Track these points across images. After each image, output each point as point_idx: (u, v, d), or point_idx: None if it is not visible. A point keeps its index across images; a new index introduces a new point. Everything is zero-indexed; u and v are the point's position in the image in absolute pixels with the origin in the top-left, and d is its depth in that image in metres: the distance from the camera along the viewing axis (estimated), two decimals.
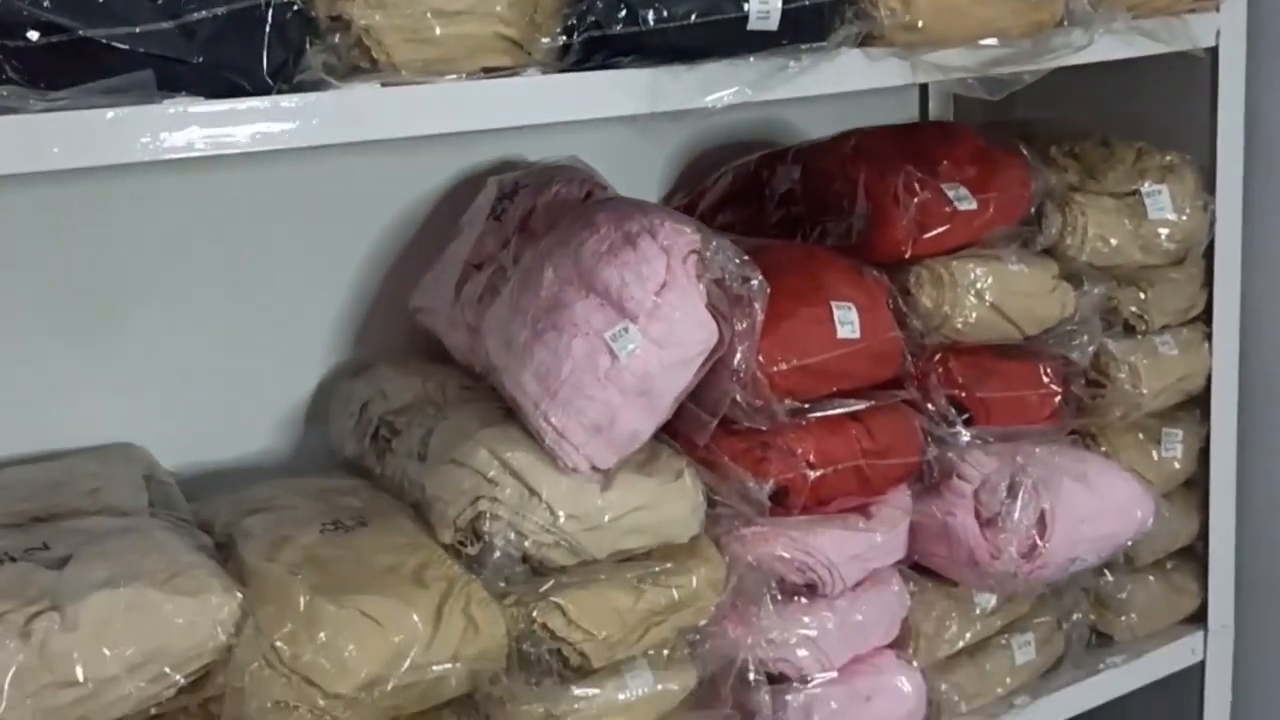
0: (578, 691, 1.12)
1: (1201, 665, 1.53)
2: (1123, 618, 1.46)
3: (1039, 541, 1.25)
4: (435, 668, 0.98)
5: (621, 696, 1.13)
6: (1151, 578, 1.49)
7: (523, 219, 1.25)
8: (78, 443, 1.23)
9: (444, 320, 1.28)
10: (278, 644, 0.94)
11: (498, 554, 1.06)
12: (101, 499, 1.08)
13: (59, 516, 1.04)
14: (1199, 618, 1.53)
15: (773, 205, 1.43)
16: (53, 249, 1.22)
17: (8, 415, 1.21)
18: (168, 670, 0.90)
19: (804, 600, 1.24)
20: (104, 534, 0.98)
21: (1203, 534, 1.51)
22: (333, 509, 1.13)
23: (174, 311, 1.28)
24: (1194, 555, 1.53)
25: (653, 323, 1.07)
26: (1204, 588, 1.52)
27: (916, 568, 1.32)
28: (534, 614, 1.08)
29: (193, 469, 1.28)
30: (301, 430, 1.37)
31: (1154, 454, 1.43)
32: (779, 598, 1.20)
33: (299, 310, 1.36)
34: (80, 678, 0.86)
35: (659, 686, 1.15)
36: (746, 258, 1.11)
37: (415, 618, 0.99)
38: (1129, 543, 1.31)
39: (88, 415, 1.25)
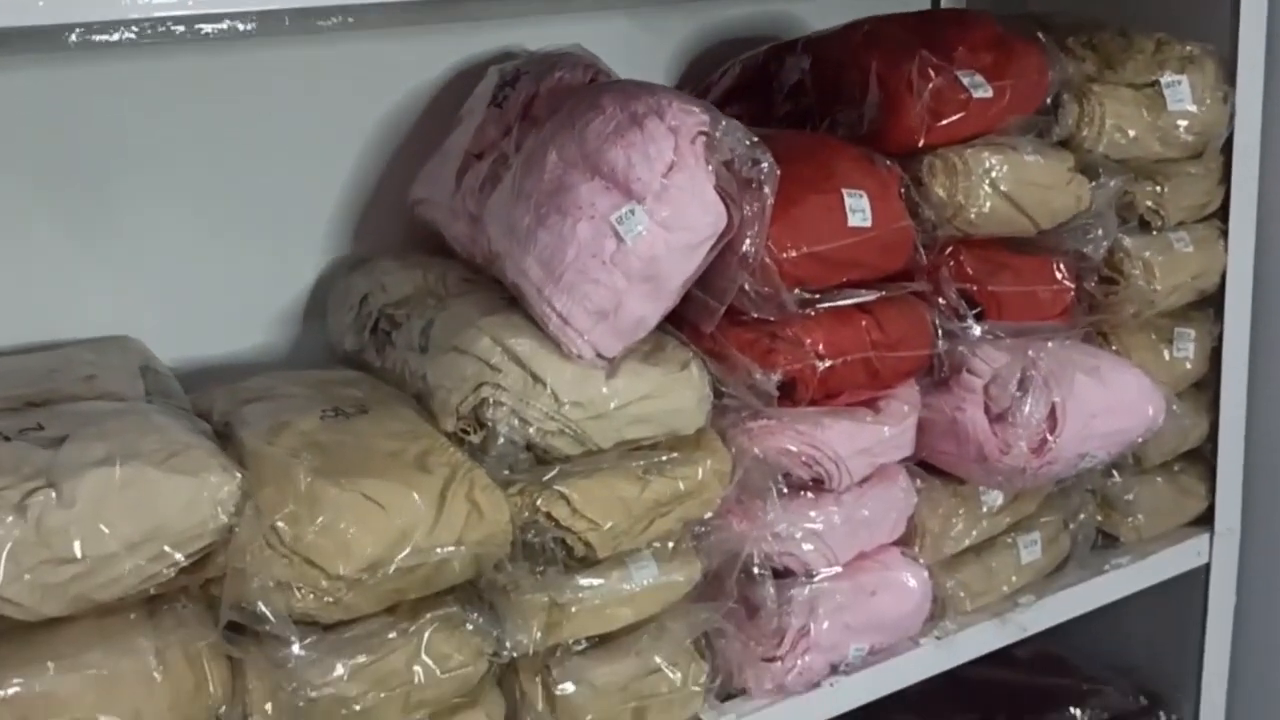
0: (582, 581, 1.11)
1: (1206, 568, 1.53)
2: (1129, 519, 1.46)
3: (1049, 436, 1.23)
4: (438, 551, 0.97)
5: (626, 587, 1.13)
6: (1159, 479, 1.47)
7: (525, 105, 1.21)
8: (72, 335, 1.21)
9: (445, 211, 1.25)
10: (278, 525, 0.93)
11: (501, 441, 1.05)
12: (98, 385, 1.06)
13: (54, 401, 1.02)
14: (1205, 520, 1.52)
15: (781, 98, 1.39)
16: (49, 139, 1.19)
17: (1, 307, 1.19)
18: (167, 549, 0.89)
19: (810, 495, 1.22)
20: (101, 416, 0.96)
21: (1212, 436, 1.49)
22: (333, 398, 1.11)
23: (170, 204, 1.25)
24: (1202, 458, 1.51)
25: (660, 205, 1.04)
26: (1211, 490, 1.51)
27: (924, 465, 1.31)
28: (538, 503, 1.07)
29: (189, 364, 1.26)
30: (300, 326, 1.35)
31: (1165, 354, 1.41)
32: (785, 492, 1.19)
33: (297, 204, 1.32)
34: (78, 554, 0.85)
35: (664, 578, 1.15)
36: (757, 140, 1.08)
37: (418, 500, 0.97)
38: (1140, 439, 1.30)
39: (83, 309, 1.23)
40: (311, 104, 1.31)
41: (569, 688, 1.12)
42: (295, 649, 0.93)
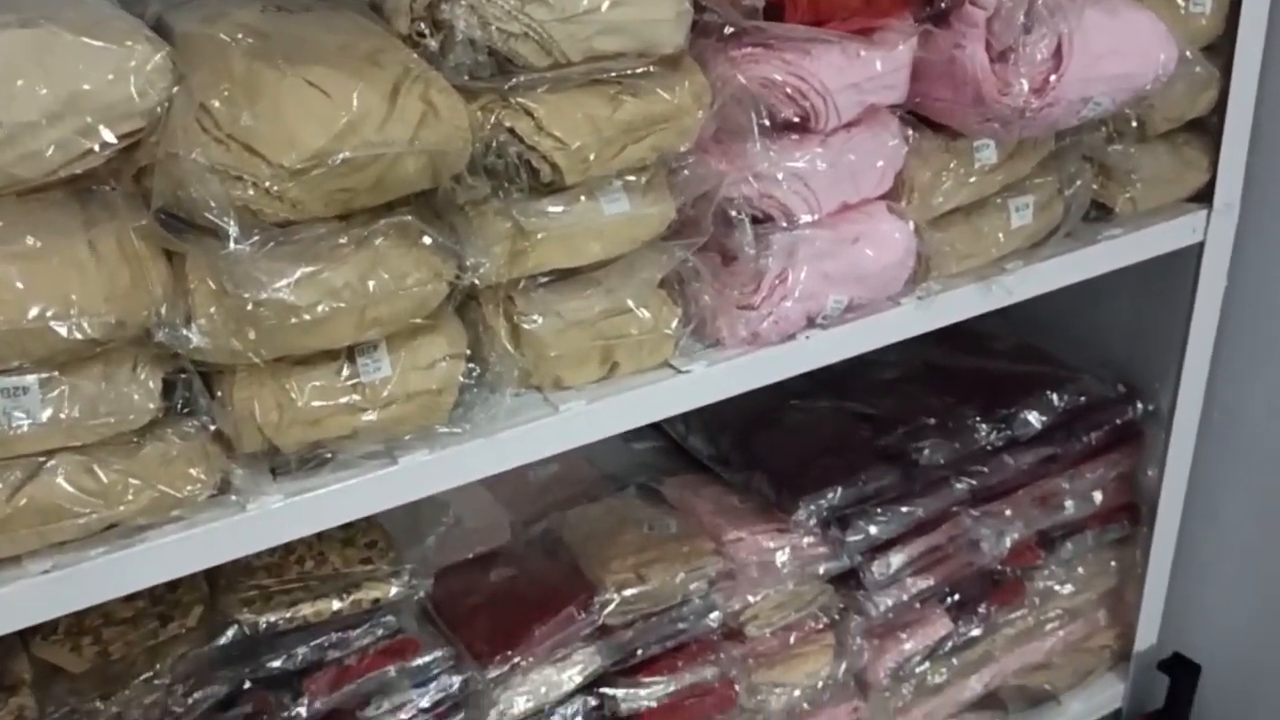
0: (549, 208, 1.05)
1: (1200, 246, 1.48)
2: (1126, 192, 1.39)
3: (1051, 76, 1.15)
4: (390, 146, 0.89)
5: (595, 219, 1.06)
6: (1160, 148, 1.40)
7: None
8: None
9: None
10: (214, 105, 0.86)
11: (459, 40, 0.96)
12: None
13: None
14: (1204, 198, 1.46)
15: None
16: None
17: None
18: (91, 121, 0.82)
19: (794, 136, 1.15)
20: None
21: (1219, 106, 1.41)
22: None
23: None
24: (1206, 130, 1.43)
25: None
26: (1213, 164, 1.44)
27: (916, 118, 1.23)
28: (501, 119, 0.99)
29: None
30: None
31: (1180, 6, 1.31)
32: (768, 127, 1.12)
33: None
34: None
35: (635, 212, 1.08)
36: None
37: (368, 92, 0.89)
38: (1148, 88, 1.21)
39: None
40: None
41: (534, 320, 1.08)
42: (234, 244, 0.87)
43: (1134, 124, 1.35)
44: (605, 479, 1.61)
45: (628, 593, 1.34)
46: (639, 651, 1.36)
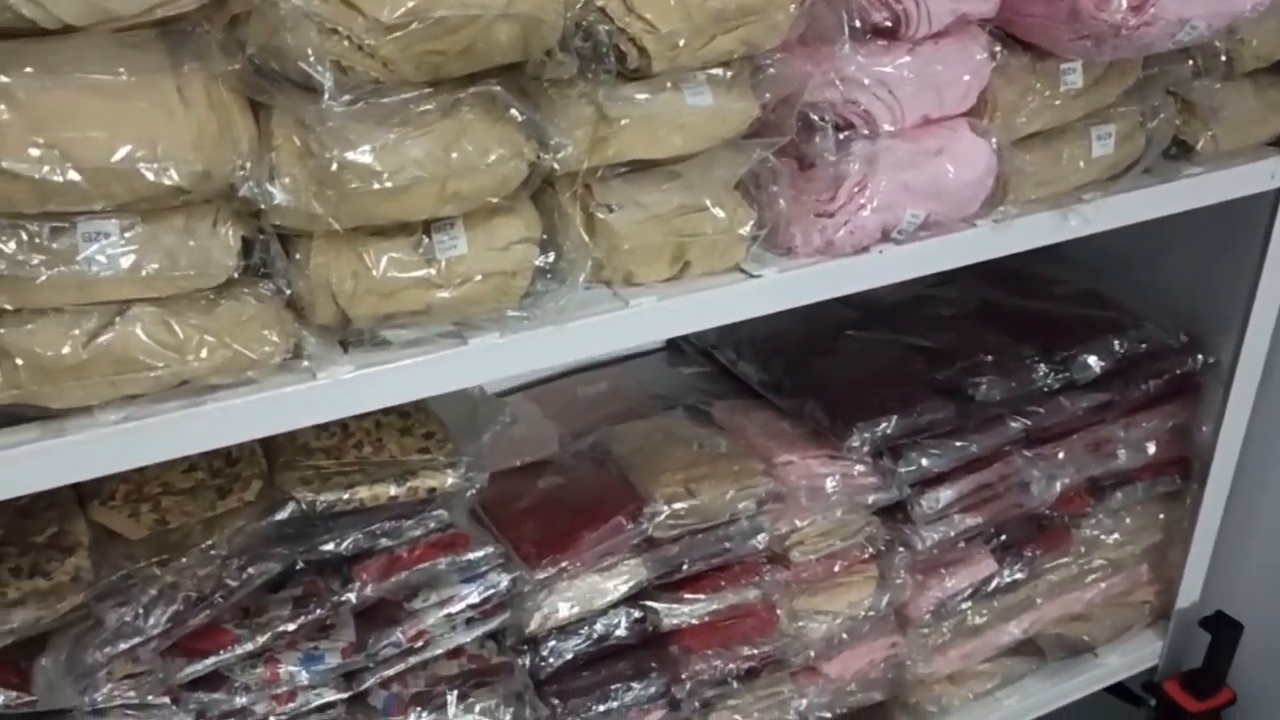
0: (634, 93, 1.03)
1: (1277, 193, 1.45)
2: (1209, 130, 1.36)
3: None
4: (485, 10, 0.88)
5: (679, 110, 1.05)
6: (1247, 87, 1.37)
7: None
8: None
9: None
10: None
11: None
12: None
13: None
14: None
15: None
16: None
17: None
18: None
19: (883, 43, 1.13)
20: None
21: None
22: None
23: None
24: None
25: None
26: None
27: (1004, 36, 1.21)
28: None
29: None
30: None
31: None
32: (858, 28, 1.09)
33: None
34: None
35: (719, 106, 1.07)
36: None
37: None
38: (1246, 13, 1.18)
39: None
40: None
41: (610, 211, 1.06)
42: (328, 99, 0.86)
43: (1223, 59, 1.32)
44: (653, 399, 1.60)
45: (677, 506, 1.34)
46: (684, 567, 1.35)
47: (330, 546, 1.13)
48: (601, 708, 1.32)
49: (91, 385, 0.88)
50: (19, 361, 0.85)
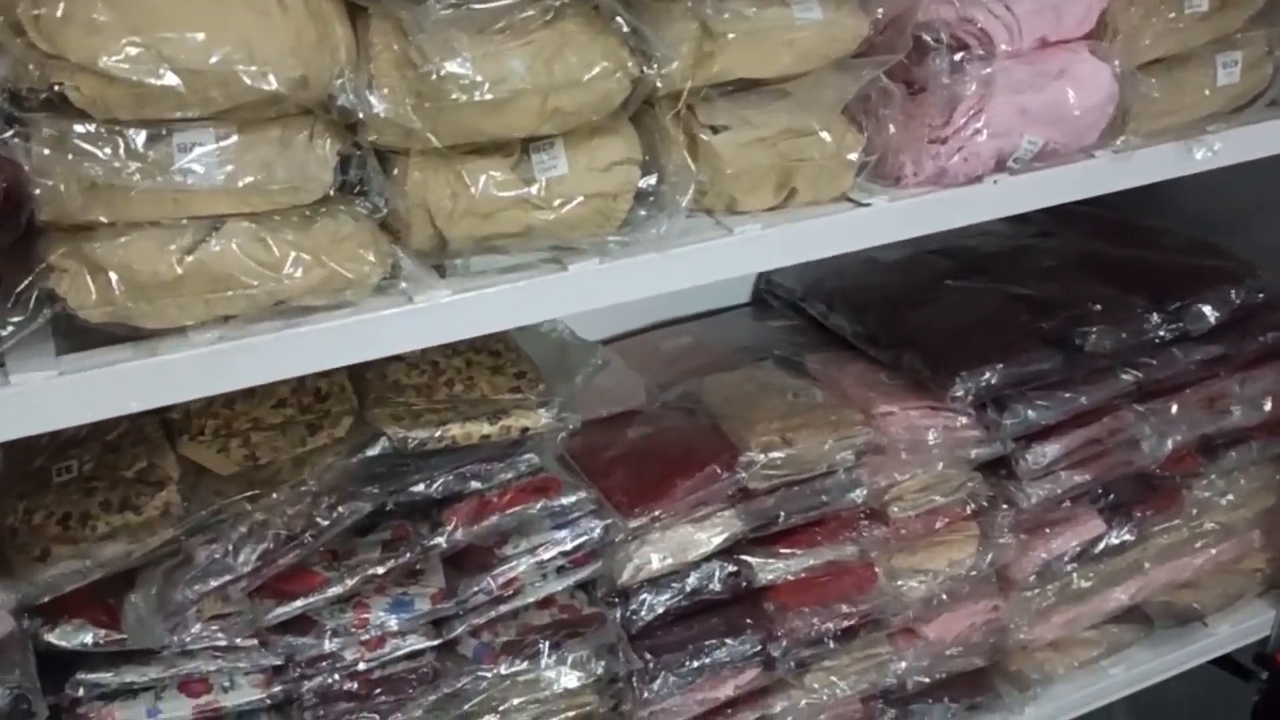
0: (742, 7, 0.98)
1: None
2: None
3: None
4: None
5: (787, 25, 0.99)
6: None
7: None
8: None
9: None
10: None
11: None
12: None
13: None
14: None
15: None
16: None
17: None
18: None
19: None
20: None
21: None
22: None
23: None
24: None
25: None
26: None
27: None
28: None
29: None
30: None
31: None
32: None
33: None
34: None
35: (827, 21, 1.01)
36: None
37: None
38: None
39: None
40: None
41: (714, 132, 1.01)
42: (429, 1, 0.82)
43: None
44: (740, 351, 1.54)
45: (773, 455, 1.28)
46: (779, 519, 1.30)
47: (420, 488, 1.09)
48: (695, 664, 1.28)
49: (186, 304, 0.85)
50: (114, 277, 0.82)
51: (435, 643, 1.15)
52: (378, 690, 1.13)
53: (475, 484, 1.13)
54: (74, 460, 1.05)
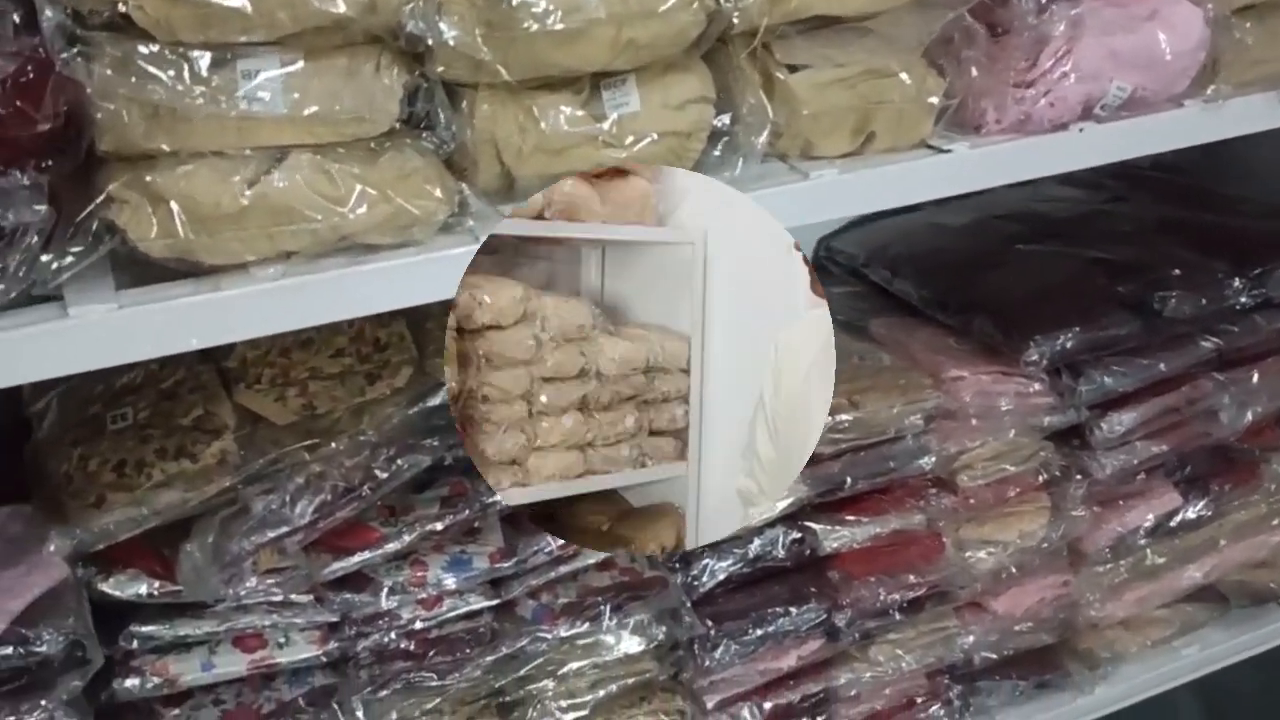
0: None
1: None
2: None
3: None
4: None
5: None
6: None
7: None
8: None
9: None
10: None
11: None
12: None
13: None
14: None
15: None
16: None
17: None
18: None
19: None
20: None
21: None
22: None
23: None
24: None
25: None
26: None
27: None
28: None
29: None
30: None
31: None
32: None
33: None
34: None
35: None
36: None
37: None
38: None
39: None
40: None
41: (791, 71, 0.97)
42: None
43: None
44: None
45: (840, 417, 1.24)
46: (845, 485, 1.26)
47: None
48: (757, 632, 1.24)
49: (248, 237, 0.82)
50: (175, 208, 0.80)
51: (493, 603, 1.12)
52: (434, 650, 1.10)
53: None
54: (129, 408, 1.03)
